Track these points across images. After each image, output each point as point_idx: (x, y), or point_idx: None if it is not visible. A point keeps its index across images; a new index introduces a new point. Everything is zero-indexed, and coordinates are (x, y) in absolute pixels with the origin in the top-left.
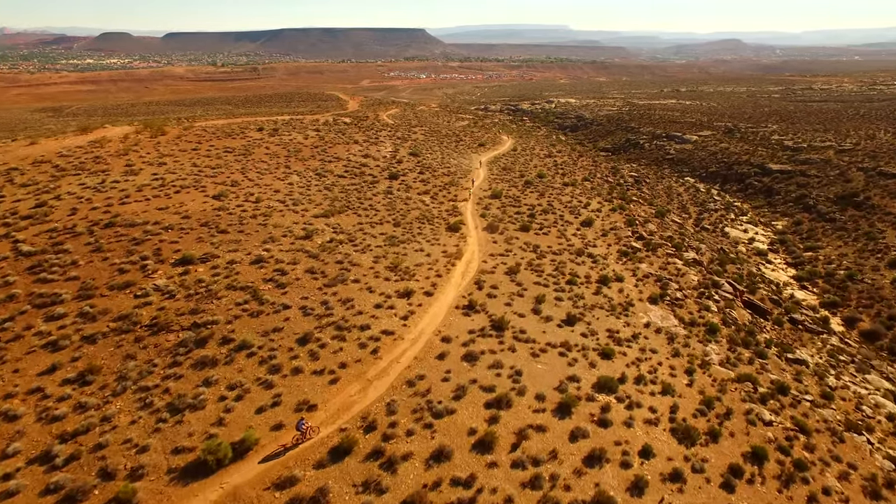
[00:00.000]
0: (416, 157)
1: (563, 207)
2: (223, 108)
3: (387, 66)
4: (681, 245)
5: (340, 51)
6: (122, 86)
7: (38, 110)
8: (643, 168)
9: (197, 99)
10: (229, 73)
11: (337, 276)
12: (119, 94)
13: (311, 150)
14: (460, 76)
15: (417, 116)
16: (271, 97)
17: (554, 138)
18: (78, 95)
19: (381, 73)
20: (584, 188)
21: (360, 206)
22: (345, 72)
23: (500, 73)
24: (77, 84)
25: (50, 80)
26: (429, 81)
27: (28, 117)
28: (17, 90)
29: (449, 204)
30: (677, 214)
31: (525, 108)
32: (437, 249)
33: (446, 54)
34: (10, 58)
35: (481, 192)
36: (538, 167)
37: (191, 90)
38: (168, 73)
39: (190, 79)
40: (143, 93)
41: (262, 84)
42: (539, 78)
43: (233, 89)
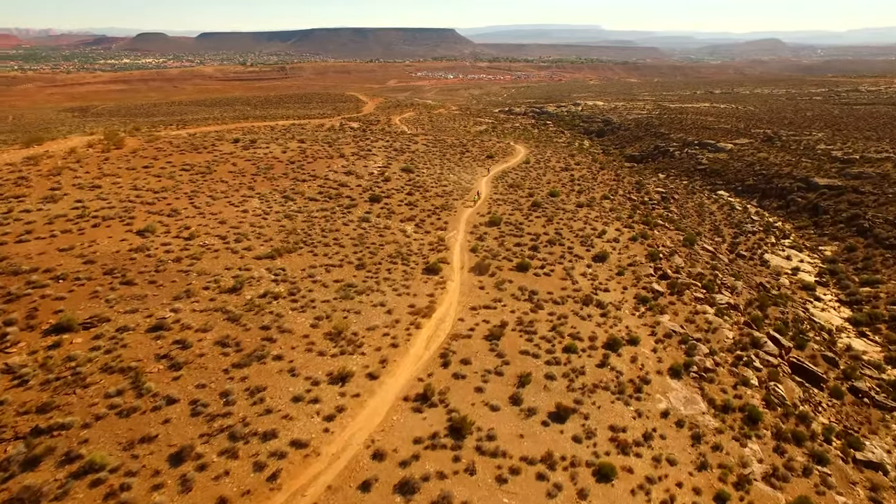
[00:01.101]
0: (410, 173)
1: (573, 237)
2: (240, 110)
3: (414, 67)
4: (712, 284)
5: (370, 51)
6: (153, 85)
7: (66, 110)
8: (672, 181)
9: (220, 99)
10: (257, 72)
11: (255, 349)
12: (149, 93)
13: (285, 166)
14: (488, 77)
15: (432, 121)
16: (291, 98)
17: (577, 145)
18: (109, 95)
19: (408, 73)
20: (601, 209)
21: (320, 241)
22: (372, 72)
23: (529, 73)
24: (109, 84)
25: (84, 79)
26: (456, 82)
27: (53, 117)
28: (52, 89)
29: (436, 234)
30: (709, 238)
31: (550, 110)
32: (402, 303)
33: (475, 54)
34: (53, 58)
35: (478, 217)
36: (551, 183)
37: (218, 90)
38: (197, 72)
39: (218, 78)
40: (172, 92)
41: (289, 84)
42: (568, 79)
43: (259, 89)
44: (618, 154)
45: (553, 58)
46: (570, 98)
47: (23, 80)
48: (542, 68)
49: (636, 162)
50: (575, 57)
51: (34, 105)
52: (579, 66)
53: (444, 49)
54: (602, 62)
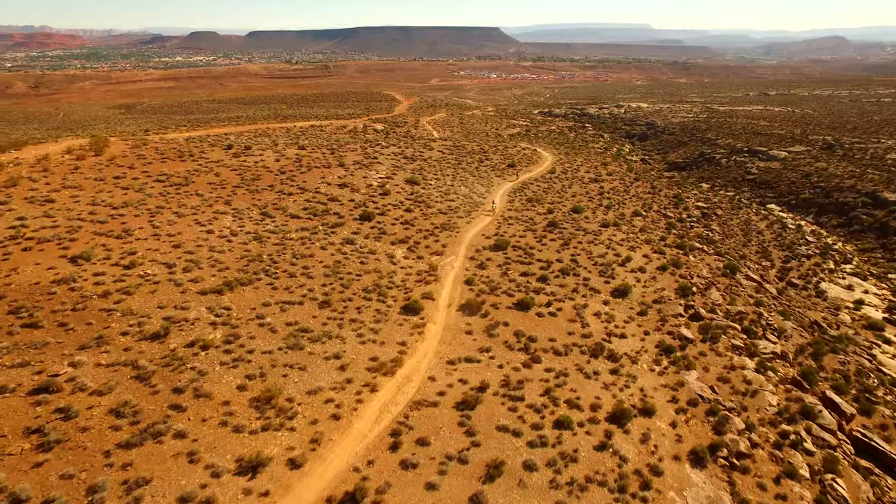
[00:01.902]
0: (414, 185)
1: (591, 264)
2: (275, 108)
3: (457, 65)
4: (755, 326)
5: (414, 49)
6: (200, 83)
7: (115, 107)
8: (716, 193)
9: (259, 97)
10: (301, 70)
11: (155, 422)
12: (196, 90)
13: (274, 176)
14: (532, 76)
15: (463, 122)
16: (329, 96)
17: (614, 151)
18: (159, 92)
19: (450, 71)
20: (630, 229)
21: (286, 271)
22: (414, 70)
23: (574, 73)
24: (159, 81)
25: (136, 77)
26: (498, 81)
27: (101, 113)
28: (107, 87)
29: (430, 260)
30: (755, 263)
31: (592, 112)
32: (364, 354)
33: (520, 53)
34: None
35: (482, 239)
36: (577, 196)
37: (262, 87)
38: (243, 70)
39: (263, 76)
40: (217, 89)
41: (331, 82)
42: (615, 79)
43: (301, 87)
44: (660, 160)
45: (599, 57)
46: (614, 99)
47: (81, 77)
48: (588, 68)
49: (679, 170)
50: (622, 57)
51: (88, 101)
52: (626, 66)
53: (489, 48)
54: (650, 62)
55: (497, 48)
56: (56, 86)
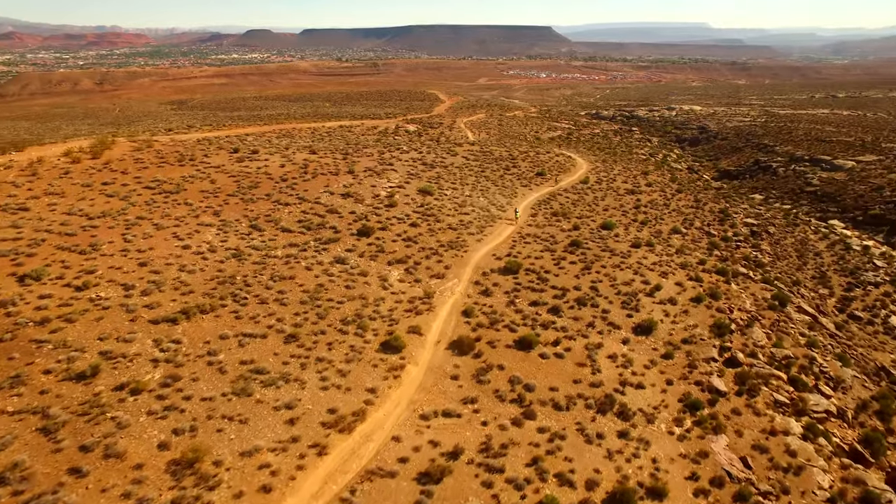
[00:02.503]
0: (427, 196)
1: (613, 293)
2: (317, 105)
3: (507, 65)
4: (806, 374)
5: (465, 48)
6: (251, 79)
7: (168, 103)
8: (769, 207)
9: (305, 94)
10: (350, 67)
11: (41, 494)
12: (247, 87)
13: (274, 184)
14: (582, 76)
15: (501, 124)
16: (373, 95)
17: (660, 157)
18: (211, 88)
19: (499, 71)
20: (665, 250)
21: (258, 295)
22: (463, 69)
23: (626, 73)
24: (213, 78)
25: (192, 74)
26: (548, 81)
27: (154, 109)
28: (164, 83)
29: (429, 284)
30: (810, 291)
31: (641, 114)
32: (322, 403)
33: (571, 53)
34: (172, 54)
35: (492, 260)
36: (609, 211)
37: (311, 84)
38: (294, 67)
39: (313, 73)
40: (268, 86)
41: (379, 80)
42: (669, 80)
43: (349, 84)
44: (710, 167)
45: (653, 57)
46: (667, 101)
47: (141, 74)
48: (641, 68)
49: (730, 178)
50: (677, 57)
51: (146, 97)
52: (681, 66)
53: (540, 47)
54: (707, 62)
55: (548, 48)
56: (118, 82)
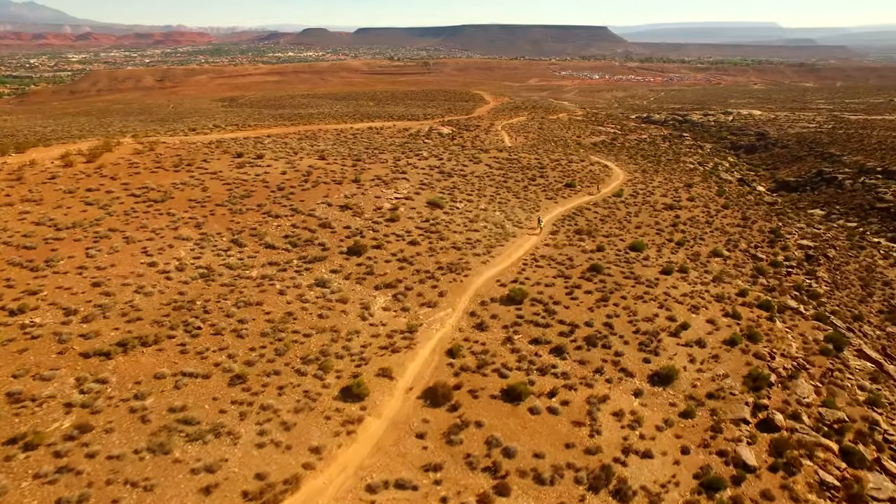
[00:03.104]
0: (436, 209)
1: (631, 332)
2: (360, 104)
3: (559, 65)
4: (864, 445)
5: (517, 48)
6: (303, 77)
7: (220, 99)
8: (830, 226)
9: (352, 93)
10: (401, 67)
11: None
12: (298, 84)
13: (269, 193)
14: (637, 78)
15: (542, 128)
16: (418, 94)
17: (710, 166)
18: (264, 86)
19: (551, 71)
20: (700, 278)
21: (214, 324)
22: (514, 69)
23: (684, 75)
24: (267, 75)
25: (247, 71)
26: (601, 82)
27: (206, 106)
28: (219, 80)
29: (416, 313)
30: (875, 330)
31: (695, 119)
32: (250, 467)
33: (627, 54)
34: (231, 52)
35: (496, 286)
36: (641, 229)
37: (361, 83)
38: (345, 65)
39: (364, 72)
40: (319, 84)
41: (428, 79)
42: (729, 82)
43: (399, 83)
44: (767, 177)
45: (714, 58)
46: (726, 104)
47: (199, 72)
48: (700, 70)
49: (789, 190)
50: (740, 58)
51: (201, 94)
52: (743, 68)
53: (595, 48)
54: (772, 64)
55: (603, 48)
56: (177, 79)
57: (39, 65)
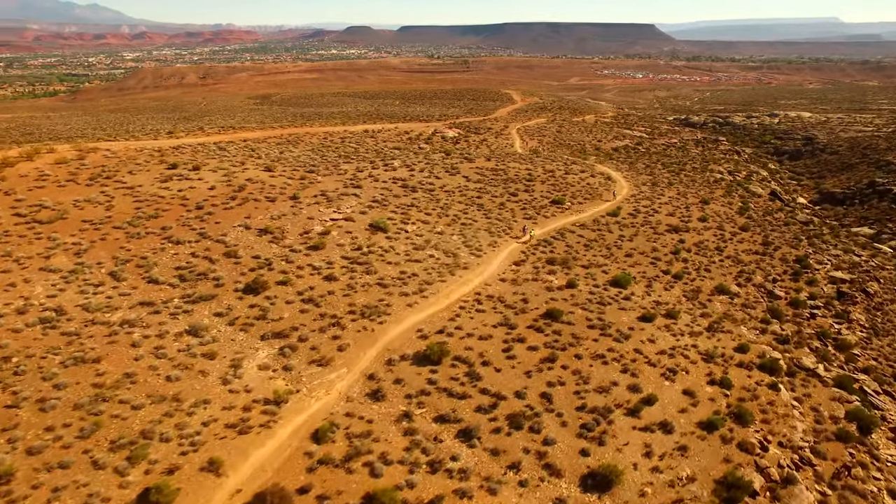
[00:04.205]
0: (378, 232)
1: (574, 407)
2: (385, 103)
3: (602, 64)
4: None
5: (562, 46)
6: (341, 74)
7: (254, 97)
8: (875, 251)
9: (384, 91)
10: (440, 65)
11: None
12: (336, 82)
13: (183, 213)
14: (682, 77)
15: (561, 130)
16: (447, 93)
17: (742, 176)
18: (301, 83)
19: (593, 70)
20: (691, 324)
21: (15, 392)
22: (555, 68)
23: (732, 74)
24: (305, 73)
25: (286, 69)
26: (644, 82)
27: (238, 104)
28: (259, 77)
29: (301, 374)
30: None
31: (736, 121)
32: None
33: (673, 52)
34: (277, 50)
35: (414, 338)
36: (633, 256)
37: (399, 81)
38: (384, 63)
39: (402, 70)
40: (356, 82)
41: (465, 78)
42: (782, 81)
43: (435, 81)
44: (811, 187)
45: (766, 57)
46: (774, 105)
47: (240, 69)
48: (751, 69)
49: (834, 203)
50: (795, 56)
51: (239, 91)
52: (798, 66)
53: (640, 46)
54: (831, 61)
55: (649, 46)
56: (219, 76)
57: (96, 63)
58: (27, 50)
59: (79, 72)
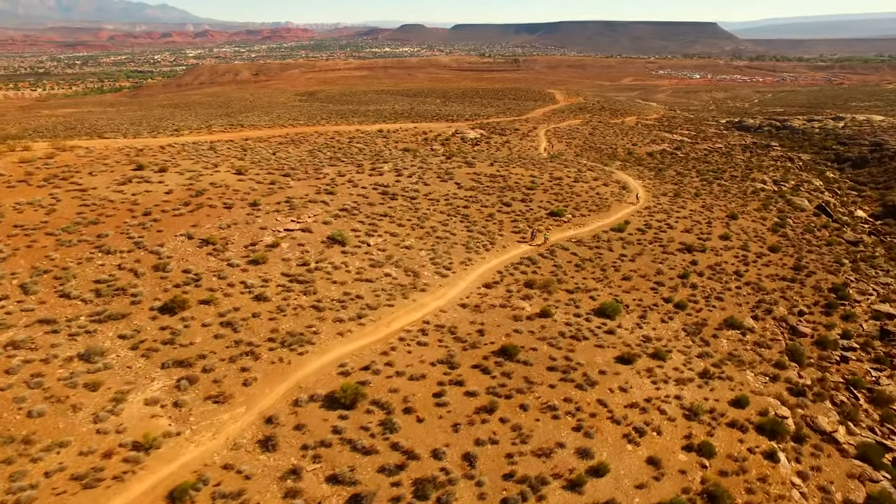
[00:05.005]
0: (334, 245)
1: (501, 475)
2: (422, 101)
3: (657, 64)
4: None
5: (618, 45)
6: (391, 72)
7: (300, 94)
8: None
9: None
10: (490, 63)
11: None
12: (384, 79)
13: (126, 219)
14: (743, 78)
15: (594, 133)
16: (489, 92)
17: (788, 186)
18: (349, 80)
19: (648, 70)
20: (682, 368)
21: None
22: (608, 67)
23: (799, 74)
24: (355, 70)
25: (337, 66)
26: (701, 83)
27: (282, 100)
28: (310, 74)
29: (193, 410)
30: None
31: (795, 125)
32: None
33: (736, 52)
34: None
35: (334, 374)
36: (632, 279)
37: (447, 79)
38: (434, 62)
39: (452, 68)
40: (404, 80)
41: (514, 77)
42: (855, 82)
43: (484, 80)
44: (874, 200)
45: (838, 56)
46: (843, 108)
47: (293, 66)
48: (819, 69)
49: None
50: (874, 54)
51: (288, 87)
52: (876, 65)
53: (701, 45)
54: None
55: (710, 46)
56: (271, 73)
57: (161, 60)
58: (101, 48)
59: (144, 69)
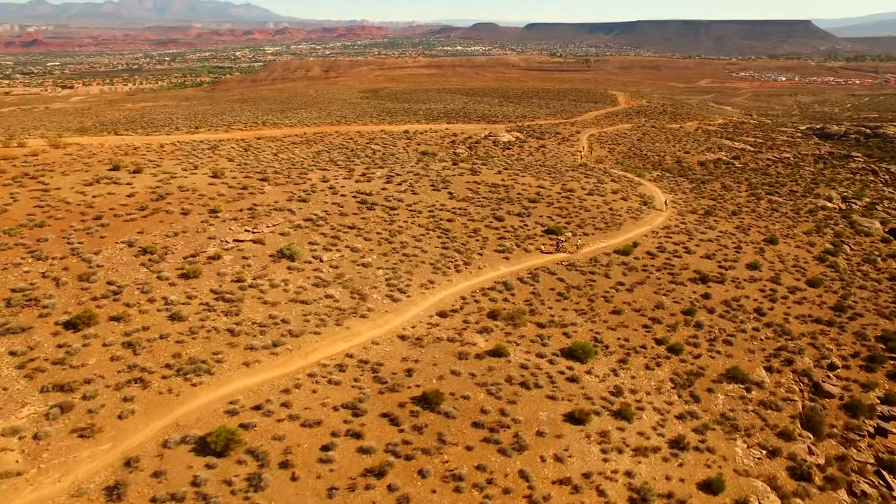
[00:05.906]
0: (282, 260)
1: None
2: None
3: (738, 65)
4: None
5: (698, 45)
6: (458, 71)
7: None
8: None
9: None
10: (560, 63)
11: None
12: (452, 78)
13: (74, 223)
14: (836, 80)
15: (643, 139)
16: (550, 93)
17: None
18: (417, 78)
19: (728, 72)
20: (658, 424)
21: None
22: (685, 68)
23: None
24: (423, 68)
25: (405, 64)
26: (785, 85)
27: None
28: (378, 71)
29: (50, 446)
30: None
31: (890, 132)
32: None
33: (832, 51)
34: (404, 45)
35: (220, 413)
36: (623, 315)
37: (515, 79)
38: (503, 61)
39: (521, 67)
40: (471, 78)
41: (584, 77)
42: None
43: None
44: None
45: None
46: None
47: (362, 63)
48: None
49: None
50: None
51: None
52: None
53: (790, 45)
54: None
55: (801, 45)
56: (341, 70)
57: (241, 56)
58: (189, 46)
59: (225, 65)
